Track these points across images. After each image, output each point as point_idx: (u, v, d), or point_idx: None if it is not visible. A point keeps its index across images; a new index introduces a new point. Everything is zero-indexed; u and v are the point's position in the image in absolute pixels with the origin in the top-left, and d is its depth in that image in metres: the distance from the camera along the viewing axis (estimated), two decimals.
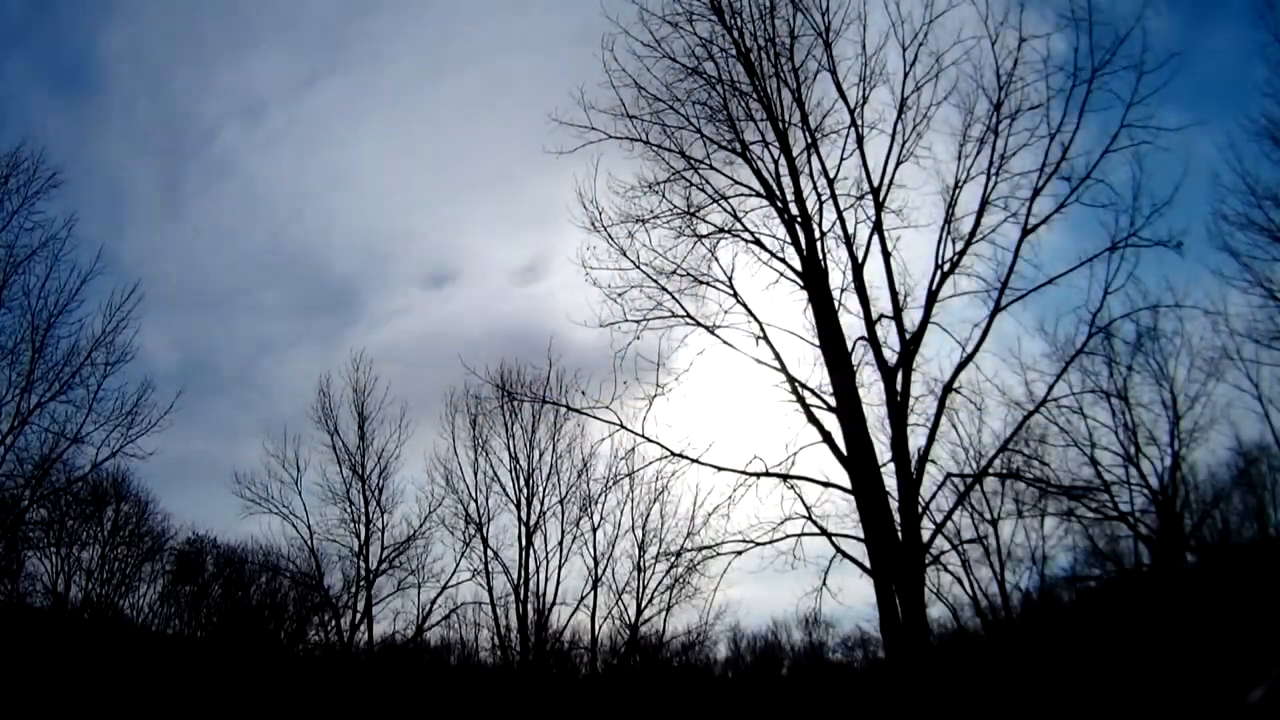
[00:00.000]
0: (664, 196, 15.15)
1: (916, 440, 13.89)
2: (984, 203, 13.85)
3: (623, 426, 14.74)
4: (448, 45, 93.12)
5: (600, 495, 32.84)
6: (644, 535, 32.87)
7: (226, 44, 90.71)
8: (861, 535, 13.76)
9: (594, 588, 33.10)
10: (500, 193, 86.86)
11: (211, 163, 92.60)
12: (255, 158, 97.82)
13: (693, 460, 14.70)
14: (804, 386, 14.56)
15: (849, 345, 14.32)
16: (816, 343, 14.57)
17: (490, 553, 32.96)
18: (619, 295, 15.01)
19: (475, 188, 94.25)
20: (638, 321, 14.90)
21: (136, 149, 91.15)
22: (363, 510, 31.79)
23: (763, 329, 14.84)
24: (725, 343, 14.94)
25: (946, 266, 14.00)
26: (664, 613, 33.74)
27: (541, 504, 33.23)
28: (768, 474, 14.32)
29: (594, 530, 33.37)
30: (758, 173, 15.16)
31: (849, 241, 14.55)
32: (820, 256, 14.68)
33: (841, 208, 14.69)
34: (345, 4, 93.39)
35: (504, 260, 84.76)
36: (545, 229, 71.43)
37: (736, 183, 15.27)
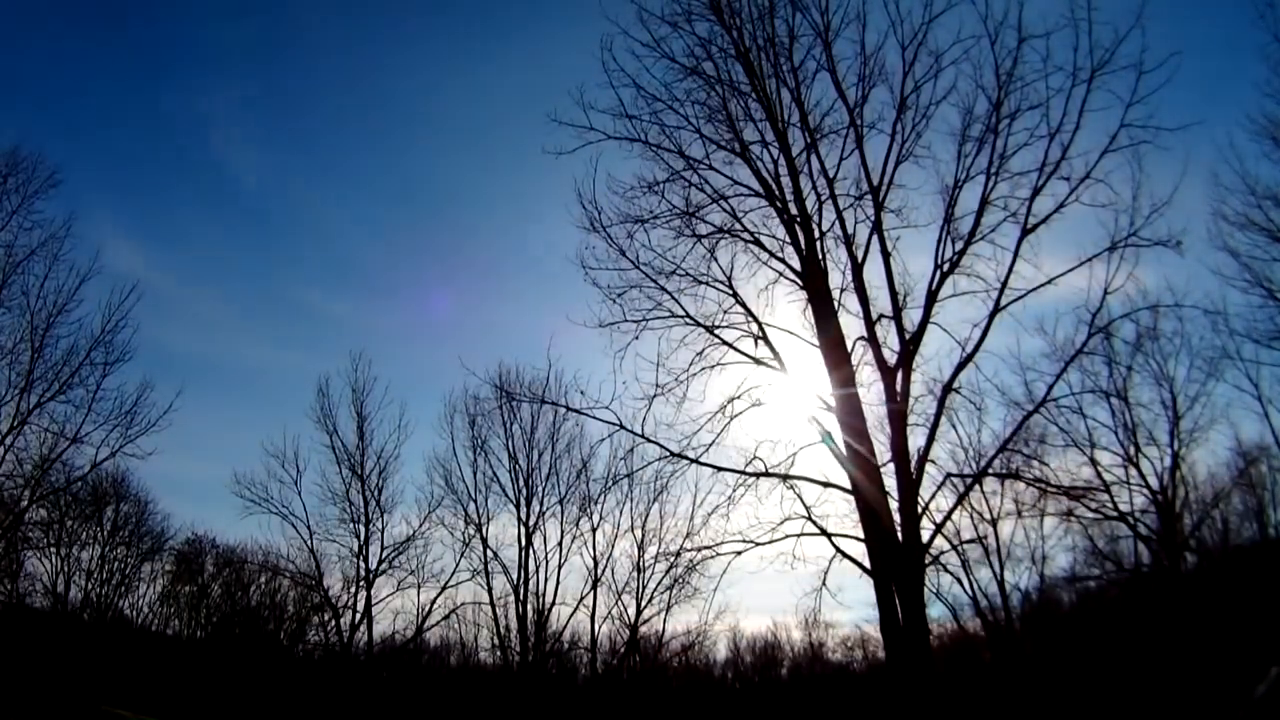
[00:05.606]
0: (663, 196, 15.09)
1: (916, 440, 13.84)
2: (984, 202, 13.78)
3: (622, 426, 14.66)
4: None
5: (600, 495, 32.95)
6: (643, 535, 32.99)
7: None
8: (861, 535, 13.74)
9: (594, 588, 33.16)
10: None
11: None
12: None
13: (693, 460, 14.64)
14: (804, 387, 14.57)
15: (849, 345, 14.29)
16: (816, 343, 14.55)
17: (490, 553, 33.05)
18: (619, 295, 14.97)
19: None
20: (637, 321, 14.84)
21: None
22: (362, 510, 31.87)
23: (762, 329, 14.80)
24: (725, 342, 14.89)
25: (946, 266, 13.94)
26: (664, 613, 33.85)
27: (541, 504, 33.32)
28: (768, 474, 14.27)
29: (593, 530, 33.46)
30: (757, 173, 15.12)
31: (848, 241, 14.50)
32: (820, 256, 14.64)
33: (841, 207, 14.62)
34: None
35: None
36: None
37: (736, 183, 15.22)
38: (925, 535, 13.58)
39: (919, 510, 13.43)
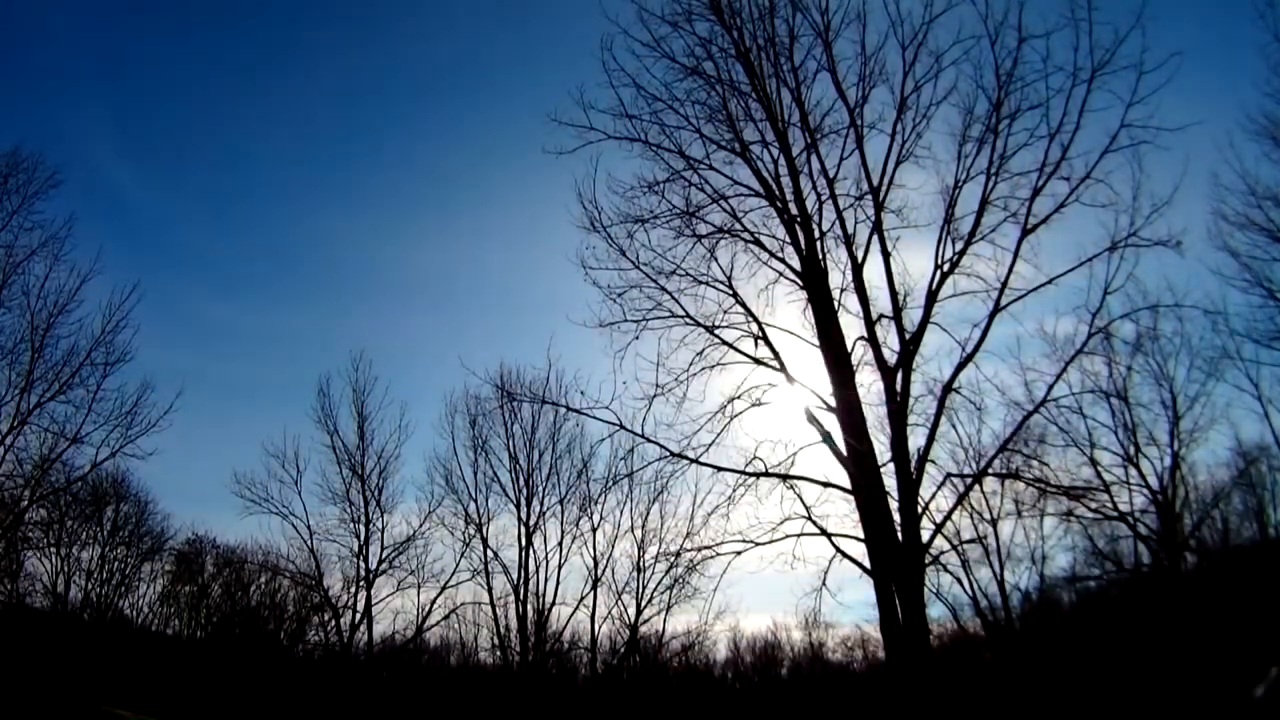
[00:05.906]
0: (663, 196, 15.12)
1: (916, 440, 13.86)
2: (984, 203, 13.80)
3: (622, 427, 14.66)
4: None
5: (600, 495, 32.94)
6: (644, 535, 32.96)
7: None
8: (861, 535, 13.74)
9: (594, 588, 33.15)
10: None
11: None
12: None
13: (693, 460, 14.64)
14: (804, 386, 14.58)
15: (849, 345, 14.29)
16: (816, 343, 14.55)
17: (490, 553, 33.06)
18: (619, 295, 14.97)
19: None
20: (637, 321, 14.85)
21: None
22: (362, 510, 31.88)
23: (762, 329, 14.81)
24: (725, 342, 14.90)
25: (946, 266, 13.95)
26: (664, 613, 33.83)
27: (541, 504, 33.32)
28: (768, 474, 14.26)
29: (594, 530, 33.45)
30: (757, 173, 15.14)
31: (849, 241, 14.51)
32: (820, 256, 14.65)
33: (841, 208, 14.64)
34: None
35: None
36: None
37: (736, 183, 15.25)
38: (925, 535, 13.59)
39: (919, 510, 13.43)
